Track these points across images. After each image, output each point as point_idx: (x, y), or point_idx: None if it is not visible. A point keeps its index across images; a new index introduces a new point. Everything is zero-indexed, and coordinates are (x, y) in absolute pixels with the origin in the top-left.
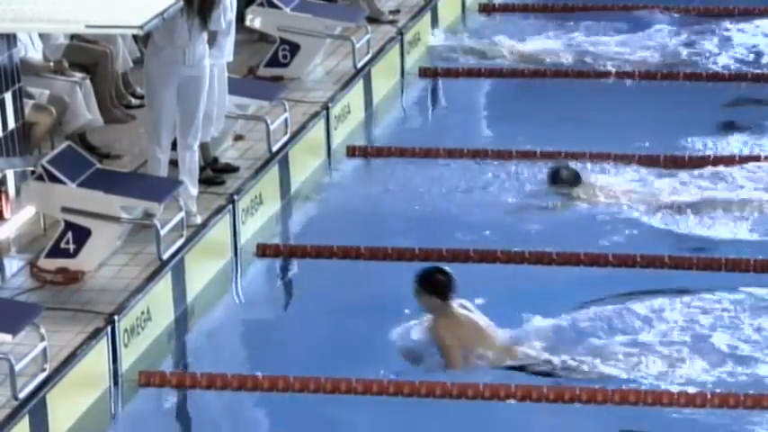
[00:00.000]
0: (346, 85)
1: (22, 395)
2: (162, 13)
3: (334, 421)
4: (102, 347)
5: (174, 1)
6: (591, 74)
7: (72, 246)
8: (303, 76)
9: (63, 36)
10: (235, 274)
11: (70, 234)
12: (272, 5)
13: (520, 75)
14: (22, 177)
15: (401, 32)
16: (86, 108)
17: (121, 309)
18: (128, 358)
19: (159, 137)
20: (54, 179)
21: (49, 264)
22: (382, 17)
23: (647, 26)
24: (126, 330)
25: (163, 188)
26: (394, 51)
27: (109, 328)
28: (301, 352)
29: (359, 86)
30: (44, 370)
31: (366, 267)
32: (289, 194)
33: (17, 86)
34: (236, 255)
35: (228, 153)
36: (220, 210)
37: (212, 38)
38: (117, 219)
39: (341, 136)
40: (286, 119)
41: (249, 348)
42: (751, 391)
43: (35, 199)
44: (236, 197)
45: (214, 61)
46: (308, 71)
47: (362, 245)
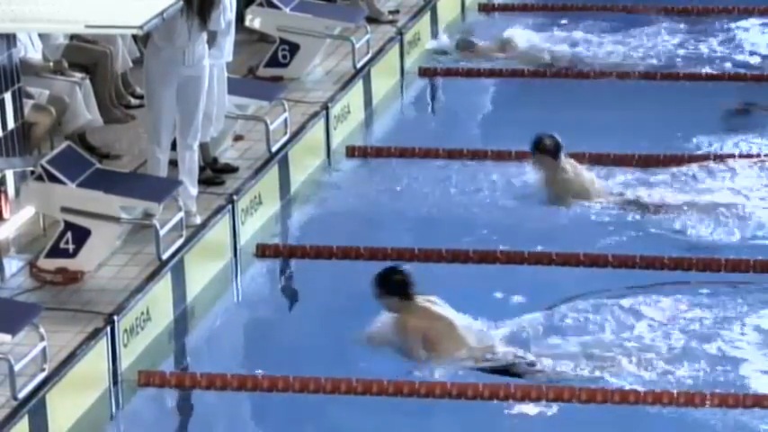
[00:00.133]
0: (346, 86)
1: (22, 395)
2: (162, 13)
3: (333, 421)
4: (101, 347)
5: (174, 1)
6: (591, 74)
7: (71, 246)
8: (303, 77)
9: (63, 36)
10: (234, 275)
11: (70, 234)
12: (272, 5)
13: (520, 75)
14: (22, 177)
15: (401, 32)
16: (86, 108)
17: (121, 309)
18: (127, 358)
19: (159, 137)
20: (54, 179)
21: (49, 264)
22: (382, 17)
23: (647, 26)
24: (125, 330)
25: (162, 188)
26: (393, 51)
27: (108, 329)
28: (301, 352)
29: (358, 86)
30: (43, 370)
31: (366, 267)
32: (288, 195)
33: (17, 86)
34: (235, 255)
35: (228, 153)
36: (220, 210)
37: (212, 38)
38: (116, 219)
39: (340, 136)
40: (286, 119)
41: (249, 348)
42: (751, 392)
43: (35, 199)
44: (235, 197)
45: (214, 61)
46: (308, 71)
47: (362, 245)
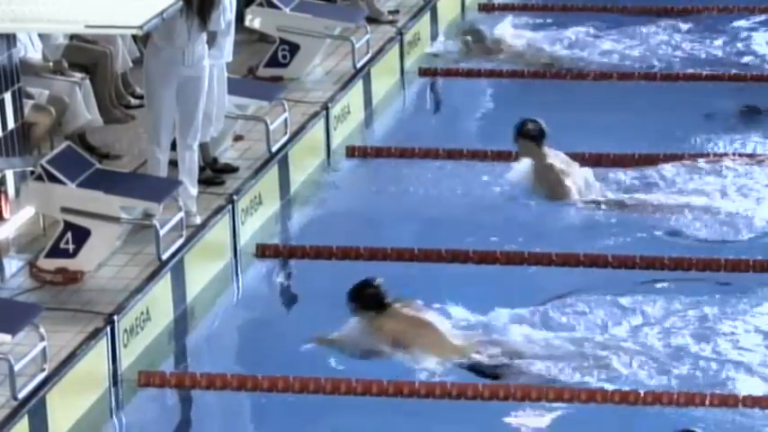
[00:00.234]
0: (346, 86)
1: (22, 395)
2: (161, 13)
3: (333, 421)
4: (101, 348)
5: (174, 1)
6: (591, 74)
7: (71, 246)
8: (303, 77)
9: (62, 36)
10: (234, 275)
11: (70, 234)
12: (272, 5)
13: (519, 75)
14: (22, 177)
15: (401, 32)
16: (86, 108)
17: (121, 309)
18: (127, 358)
19: (159, 137)
20: (53, 179)
21: (49, 264)
22: (382, 17)
23: (646, 26)
24: (125, 330)
25: (162, 188)
26: (393, 51)
27: (108, 329)
28: (301, 352)
29: (358, 87)
30: (43, 370)
31: (366, 268)
32: (288, 195)
33: (17, 86)
34: (235, 255)
35: (228, 153)
36: (220, 210)
37: (212, 38)
38: (116, 219)
39: (340, 136)
40: (285, 119)
41: (249, 348)
42: (751, 392)
43: (35, 199)
44: (235, 197)
45: (213, 61)
46: (308, 71)
47: (362, 245)
